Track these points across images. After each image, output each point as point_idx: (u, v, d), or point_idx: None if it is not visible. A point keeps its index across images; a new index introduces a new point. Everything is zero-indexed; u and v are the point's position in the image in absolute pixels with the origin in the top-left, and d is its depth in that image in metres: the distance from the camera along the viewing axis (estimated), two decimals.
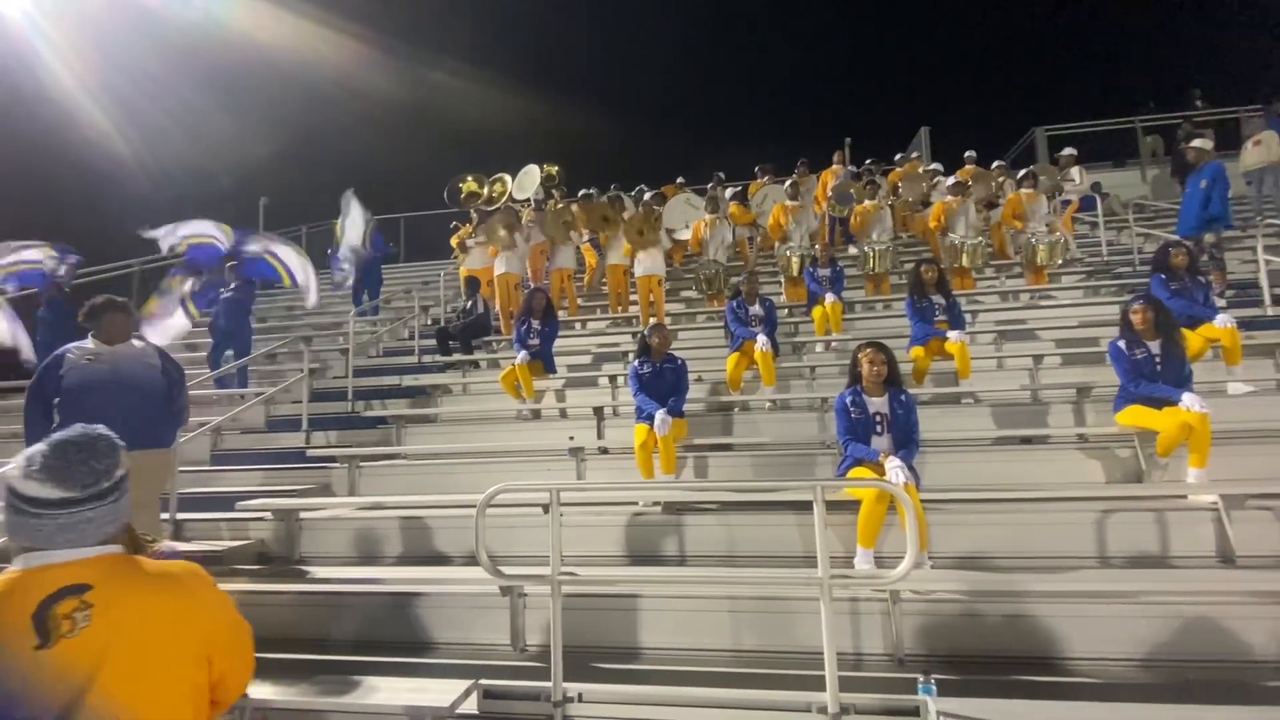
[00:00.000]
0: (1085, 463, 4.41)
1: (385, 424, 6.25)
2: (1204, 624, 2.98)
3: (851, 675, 2.85)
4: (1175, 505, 3.68)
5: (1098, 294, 7.79)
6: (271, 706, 2.92)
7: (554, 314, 6.85)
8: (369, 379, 7.57)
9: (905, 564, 2.62)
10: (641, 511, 4.21)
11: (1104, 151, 12.88)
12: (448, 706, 2.64)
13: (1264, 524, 3.48)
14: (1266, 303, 6.41)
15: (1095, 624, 3.04)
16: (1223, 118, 12.19)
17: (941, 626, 3.18)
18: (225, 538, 4.58)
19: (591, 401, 6.01)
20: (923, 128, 13.90)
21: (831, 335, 6.82)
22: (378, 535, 4.44)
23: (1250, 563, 3.41)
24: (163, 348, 4.09)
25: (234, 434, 6.58)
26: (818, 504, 2.66)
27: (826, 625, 2.57)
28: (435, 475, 5.28)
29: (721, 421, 5.59)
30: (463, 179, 9.38)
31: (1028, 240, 8.08)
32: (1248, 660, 2.89)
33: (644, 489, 4.52)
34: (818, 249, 7.79)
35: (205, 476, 5.66)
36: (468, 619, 3.60)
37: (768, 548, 3.86)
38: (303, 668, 3.16)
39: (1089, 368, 5.56)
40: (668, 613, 3.42)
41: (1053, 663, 3.02)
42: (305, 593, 3.84)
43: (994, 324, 6.88)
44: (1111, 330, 5.79)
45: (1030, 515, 3.78)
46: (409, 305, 9.77)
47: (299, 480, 5.36)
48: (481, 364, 7.74)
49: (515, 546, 4.00)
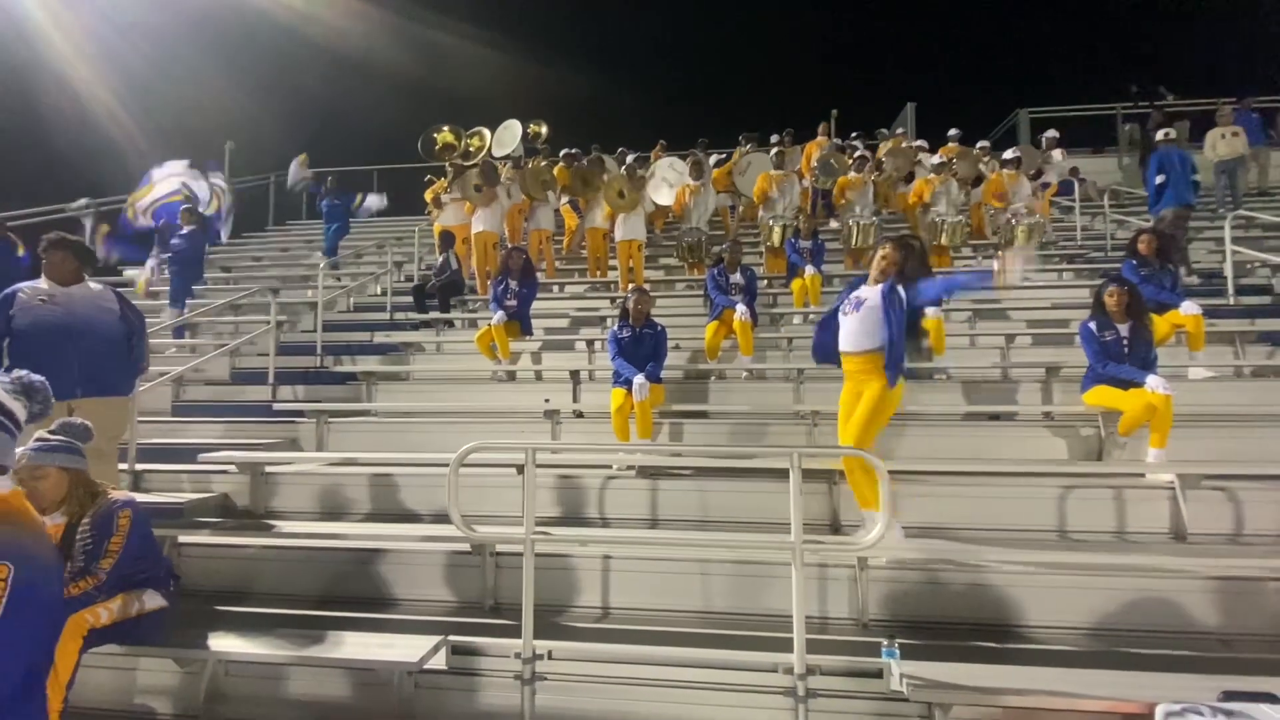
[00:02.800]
0: (1050, 440, 4.52)
1: (355, 380, 6.12)
2: (1155, 597, 3.10)
3: (818, 638, 2.90)
4: (1134, 484, 3.79)
5: (1070, 277, 7.93)
6: (233, 659, 2.88)
7: (533, 274, 6.73)
8: (339, 334, 7.40)
9: (877, 530, 2.66)
10: (616, 475, 4.21)
11: (1083, 137, 13.00)
12: (416, 661, 2.63)
13: (1216, 504, 3.61)
14: (1230, 292, 6.58)
15: (1053, 594, 3.15)
16: (1196, 109, 12.35)
17: (906, 593, 3.26)
18: (187, 490, 4.47)
19: (568, 365, 5.95)
20: (908, 104, 13.84)
21: (810, 308, 6.83)
22: (347, 492, 4.37)
23: (1201, 540, 3.54)
24: (121, 294, 3.91)
25: (196, 385, 6.40)
26: (794, 471, 2.67)
27: (796, 589, 2.60)
28: (406, 434, 5.20)
29: (698, 389, 5.59)
30: (438, 129, 9.05)
31: (1007, 221, 8.14)
32: (1194, 632, 3.03)
33: (620, 451, 4.51)
34: (800, 220, 7.76)
35: (166, 428, 5.50)
36: (438, 576, 3.58)
37: (740, 513, 3.90)
38: (266, 621, 3.13)
39: (1058, 348, 5.67)
40: (640, 574, 3.45)
41: (1011, 630, 3.12)
42: (270, 547, 3.77)
43: (969, 303, 6.95)
44: (1081, 313, 5.90)
45: (995, 489, 3.87)
46: (382, 261, 9.52)
47: (264, 434, 5.24)
48: (457, 323, 7.60)
49: (486, 506, 3.98)
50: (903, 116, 13.86)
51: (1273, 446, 4.21)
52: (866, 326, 3.50)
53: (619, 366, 4.72)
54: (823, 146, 10.80)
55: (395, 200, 13.80)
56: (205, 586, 3.67)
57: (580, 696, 2.79)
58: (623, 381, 4.63)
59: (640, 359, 4.73)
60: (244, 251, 11.85)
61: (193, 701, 2.98)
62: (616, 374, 4.74)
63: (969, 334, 6.28)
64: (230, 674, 3.03)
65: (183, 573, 3.49)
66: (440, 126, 9.12)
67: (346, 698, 2.93)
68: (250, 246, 12.34)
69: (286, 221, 14.30)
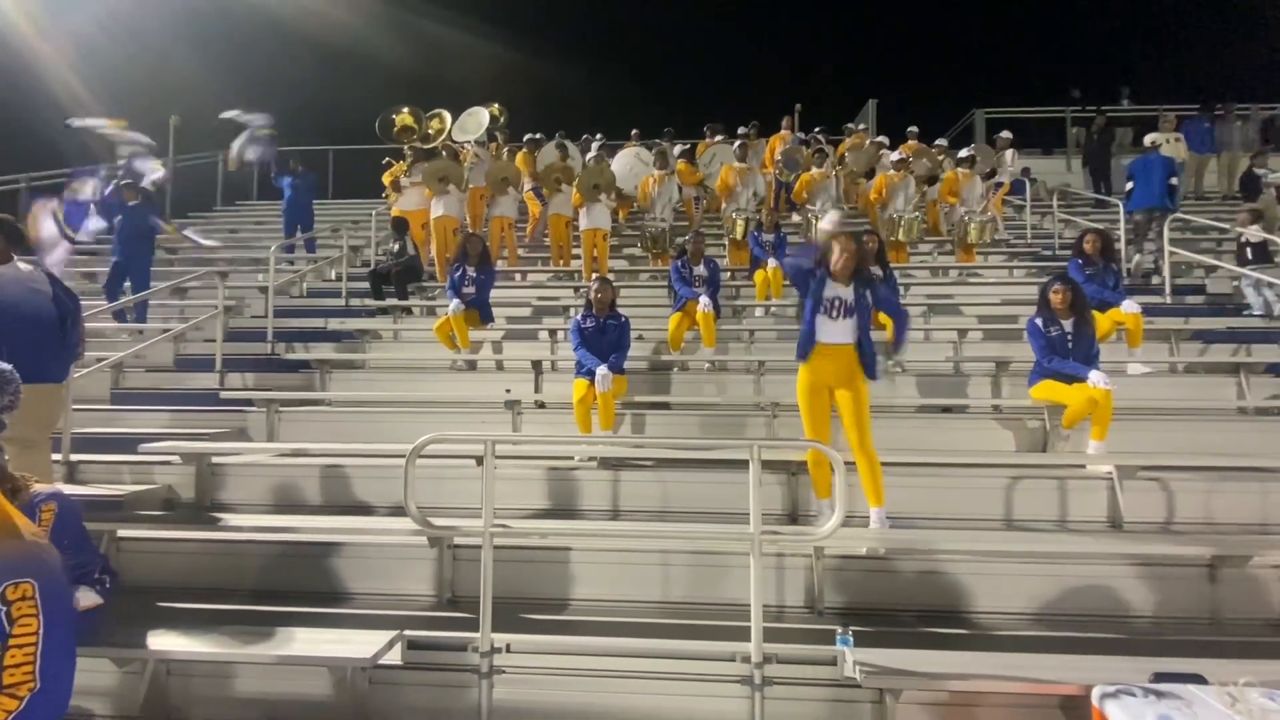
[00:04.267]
0: (999, 432, 4.67)
1: (308, 368, 5.93)
2: (1092, 583, 3.24)
3: (775, 626, 2.96)
4: (1075, 474, 3.96)
5: (1020, 274, 8.19)
6: (174, 658, 2.78)
7: (490, 261, 6.62)
8: (291, 320, 7.14)
9: (833, 521, 2.71)
10: (577, 466, 4.19)
11: (1035, 139, 13.43)
12: (370, 657, 2.58)
13: (1151, 493, 3.80)
14: (1167, 291, 6.91)
15: (1000, 581, 3.26)
16: (1143, 114, 12.87)
17: (860, 581, 3.33)
18: (127, 481, 4.26)
19: (530, 355, 5.89)
20: (870, 100, 14.05)
21: (772, 300, 6.90)
22: (298, 483, 4.24)
23: (1136, 528, 3.72)
24: (54, 274, 3.69)
25: (138, 372, 6.10)
26: (754, 462, 2.69)
27: (755, 579, 2.63)
28: (361, 424, 5.08)
29: (661, 380, 5.60)
30: (397, 110, 8.80)
31: (961, 218, 8.36)
32: (1130, 615, 3.18)
33: (581, 443, 4.49)
34: (763, 214, 7.81)
35: (104, 416, 5.23)
36: (393, 570, 3.50)
37: (701, 504, 3.93)
38: (211, 618, 3.01)
39: (1007, 343, 5.86)
40: (599, 565, 3.44)
41: (961, 616, 3.22)
42: (216, 540, 3.64)
43: (924, 297, 7.13)
44: (1030, 309, 6.10)
45: (946, 479, 3.99)
46: (337, 245, 9.23)
47: (211, 424, 5.04)
48: (415, 310, 7.44)
49: (444, 498, 3.90)
50: (864, 113, 14.07)
51: (1203, 439, 4.45)
52: (843, 329, 3.67)
53: (581, 357, 4.69)
54: (786, 140, 10.89)
55: (351, 182, 13.41)
56: (146, 583, 3.51)
57: (539, 689, 2.78)
58: (585, 372, 4.60)
59: (603, 349, 4.71)
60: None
61: (131, 703, 2.86)
62: (579, 364, 4.71)
63: (924, 328, 6.43)
64: (172, 673, 2.92)
65: (121, 569, 3.33)
66: (399, 108, 8.88)
67: (296, 696, 2.85)
68: (197, 227, 11.81)
69: (236, 202, 13.75)
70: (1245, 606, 3.17)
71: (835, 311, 3.65)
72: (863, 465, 3.57)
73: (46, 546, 1.61)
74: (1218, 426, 4.67)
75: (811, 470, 3.73)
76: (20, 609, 1.41)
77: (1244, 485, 3.83)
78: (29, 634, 1.40)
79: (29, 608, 1.41)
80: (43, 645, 1.42)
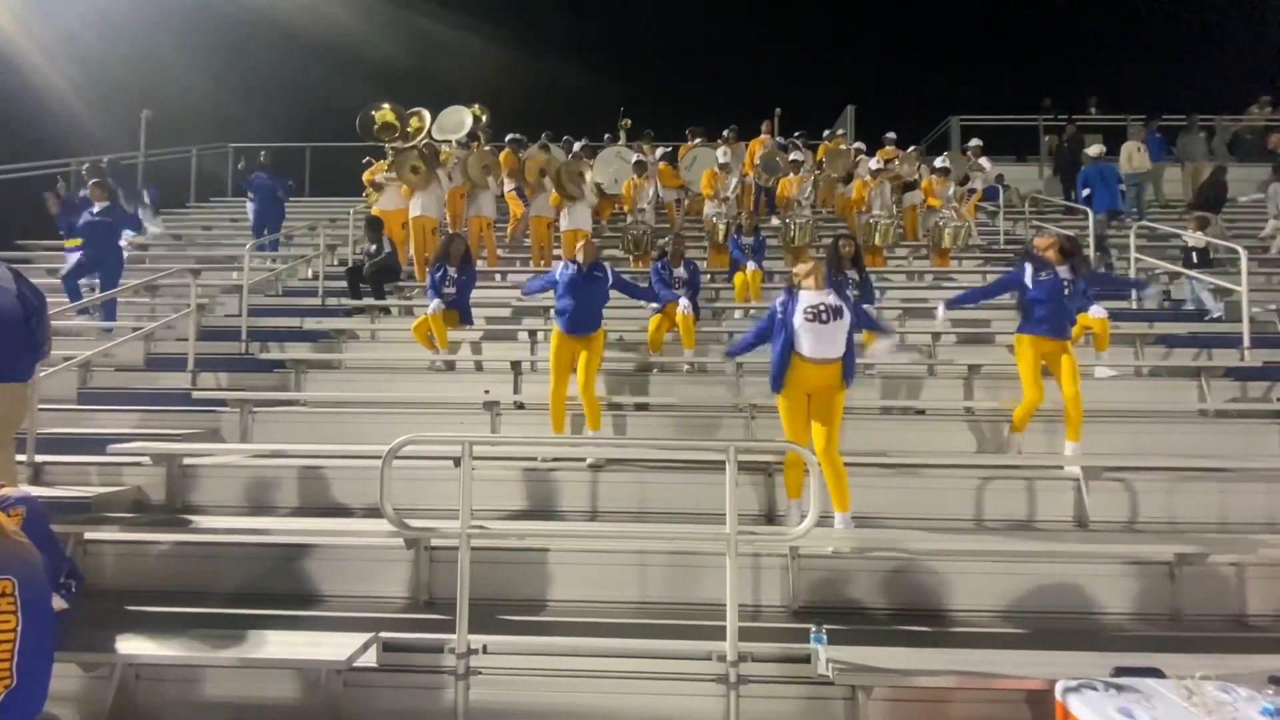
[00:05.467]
0: (969, 434, 4.77)
1: (283, 368, 5.85)
2: (1058, 581, 3.33)
3: (750, 625, 2.99)
4: (1043, 475, 4.06)
5: (993, 278, 8.33)
6: (143, 663, 2.73)
7: (472, 262, 6.58)
8: (266, 319, 7.04)
9: (807, 521, 2.75)
10: (556, 467, 4.20)
11: (1009, 146, 13.70)
12: (344, 659, 2.56)
13: (1115, 493, 3.92)
14: (1133, 296, 7.09)
15: (970, 580, 3.34)
16: (1112, 124, 13.20)
17: (833, 581, 3.39)
18: (95, 483, 4.18)
19: (509, 356, 5.87)
20: (849, 106, 14.21)
21: (751, 302, 6.96)
22: (273, 485, 4.19)
23: (1100, 527, 3.83)
24: (19, 271, 3.61)
25: (106, 371, 5.97)
26: (730, 464, 2.73)
27: (731, 579, 2.66)
28: (337, 424, 5.03)
29: (640, 381, 5.62)
30: (377, 107, 8.68)
31: (935, 224, 8.51)
32: (1094, 612, 3.27)
33: (559, 445, 4.49)
34: (743, 217, 7.87)
35: (71, 416, 5.11)
36: (368, 572, 3.48)
37: (678, 505, 3.96)
38: (182, 621, 2.97)
39: (980, 347, 5.98)
40: (577, 566, 3.45)
41: (932, 614, 3.29)
42: (188, 543, 3.58)
43: (900, 301, 7.24)
44: (1001, 314, 6.25)
45: (918, 480, 4.07)
46: (314, 243, 9.12)
47: (182, 424, 4.96)
48: (393, 310, 7.37)
49: (421, 499, 3.89)
50: (843, 118, 14.23)
51: (1166, 440, 4.58)
52: (833, 334, 3.63)
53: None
54: (765, 144, 10.97)
55: (329, 180, 13.24)
56: (115, 586, 3.45)
57: (516, 691, 2.78)
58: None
59: (589, 300, 4.76)
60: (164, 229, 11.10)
61: (99, 709, 2.81)
62: (560, 313, 4.74)
63: (899, 331, 6.52)
64: (142, 678, 2.87)
65: (89, 572, 3.27)
66: (380, 104, 8.74)
67: (270, 700, 2.82)
68: (169, 224, 11.58)
69: (210, 198, 13.50)
70: (1204, 603, 3.28)
71: (826, 316, 3.62)
72: (827, 471, 3.56)
73: (28, 546, 1.61)
74: (1180, 429, 4.80)
75: (786, 470, 3.77)
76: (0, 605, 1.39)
77: (1204, 486, 3.96)
78: (7, 631, 1.40)
79: (8, 605, 1.40)
80: (20, 643, 1.42)
